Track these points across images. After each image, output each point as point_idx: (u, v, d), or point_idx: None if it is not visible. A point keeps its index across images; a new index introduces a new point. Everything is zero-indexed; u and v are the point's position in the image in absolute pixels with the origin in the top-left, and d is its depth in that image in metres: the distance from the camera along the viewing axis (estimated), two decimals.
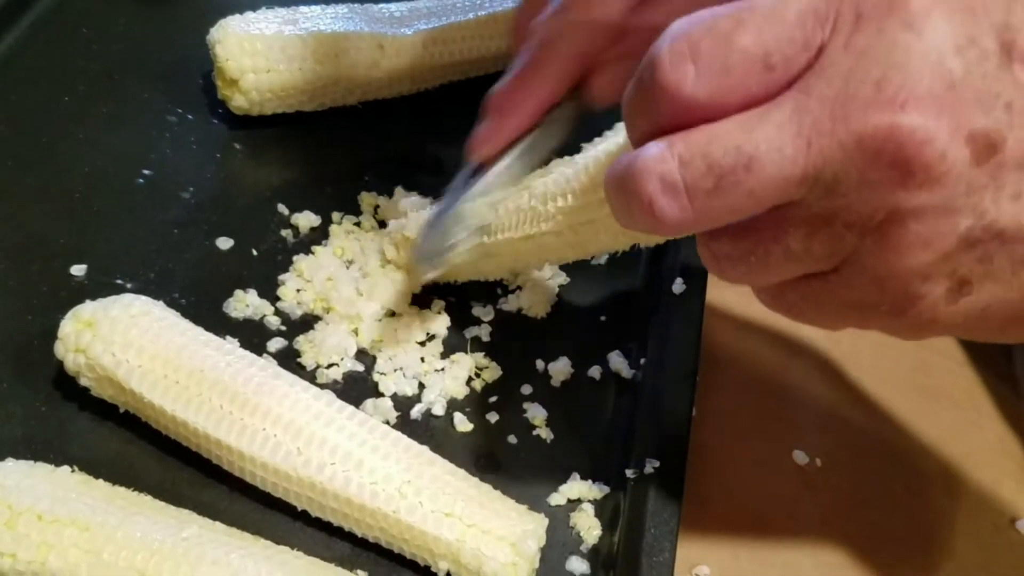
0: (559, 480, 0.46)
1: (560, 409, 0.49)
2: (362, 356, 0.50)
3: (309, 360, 0.48)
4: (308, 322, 0.50)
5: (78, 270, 0.50)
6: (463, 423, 0.47)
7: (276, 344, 0.49)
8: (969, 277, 0.28)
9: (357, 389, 0.48)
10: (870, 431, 0.51)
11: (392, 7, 0.62)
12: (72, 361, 0.43)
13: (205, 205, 0.55)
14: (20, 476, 0.38)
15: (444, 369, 0.49)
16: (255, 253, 0.53)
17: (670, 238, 0.42)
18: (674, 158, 0.28)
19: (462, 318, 0.52)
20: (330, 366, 0.48)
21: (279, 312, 0.51)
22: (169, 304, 0.46)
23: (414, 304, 0.52)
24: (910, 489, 0.49)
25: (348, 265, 0.53)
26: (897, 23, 0.26)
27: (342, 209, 0.56)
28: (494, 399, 0.49)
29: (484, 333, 0.51)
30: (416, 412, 0.47)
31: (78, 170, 0.56)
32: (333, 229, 0.55)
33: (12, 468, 0.39)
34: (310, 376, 0.48)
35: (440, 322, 0.51)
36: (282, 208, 0.56)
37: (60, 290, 0.49)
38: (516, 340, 0.51)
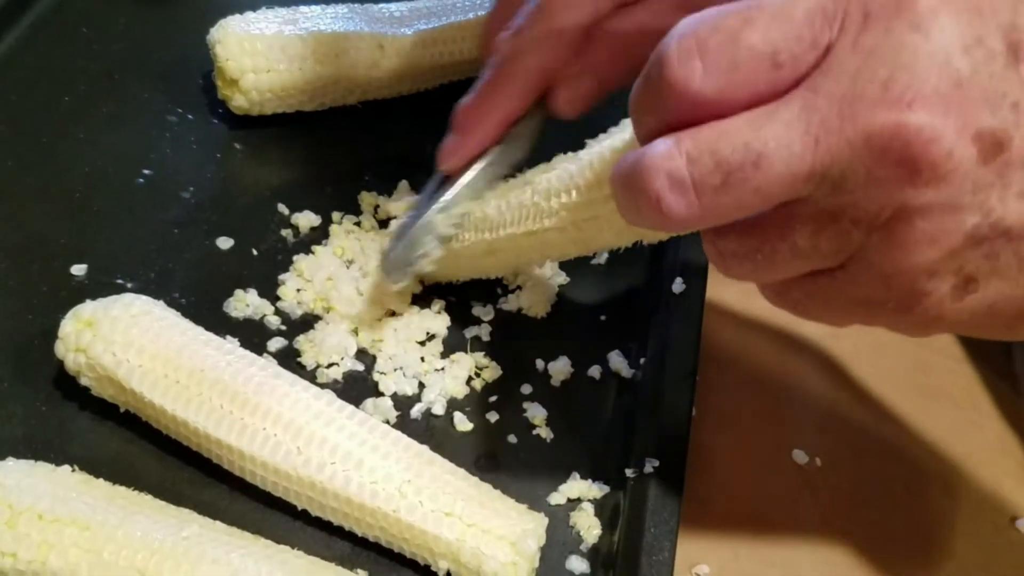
0: (559, 479, 0.46)
1: (560, 409, 0.49)
2: (362, 356, 0.50)
3: (309, 360, 0.48)
4: (308, 322, 0.50)
5: (78, 270, 0.51)
6: (463, 423, 0.47)
7: (276, 344, 0.49)
8: (975, 274, 0.28)
9: (357, 389, 0.48)
10: (870, 430, 0.51)
11: (392, 7, 0.62)
12: (72, 361, 0.43)
13: (205, 205, 0.55)
14: (21, 475, 0.38)
15: (444, 369, 0.49)
16: (255, 253, 0.53)
17: (675, 235, 0.42)
18: (682, 155, 0.28)
19: (462, 318, 0.52)
20: (330, 366, 0.49)
21: (279, 312, 0.51)
22: (169, 304, 0.46)
23: (414, 304, 0.52)
24: (910, 488, 0.49)
25: (348, 265, 0.53)
26: (904, 23, 0.26)
27: (342, 209, 0.56)
28: (494, 399, 0.49)
29: (484, 333, 0.51)
30: (416, 412, 0.47)
31: (78, 170, 0.56)
32: (333, 229, 0.55)
33: (13, 467, 0.39)
34: (310, 376, 0.48)
35: (440, 322, 0.51)
36: (282, 208, 0.56)
37: (60, 290, 0.50)
38: (516, 340, 0.51)
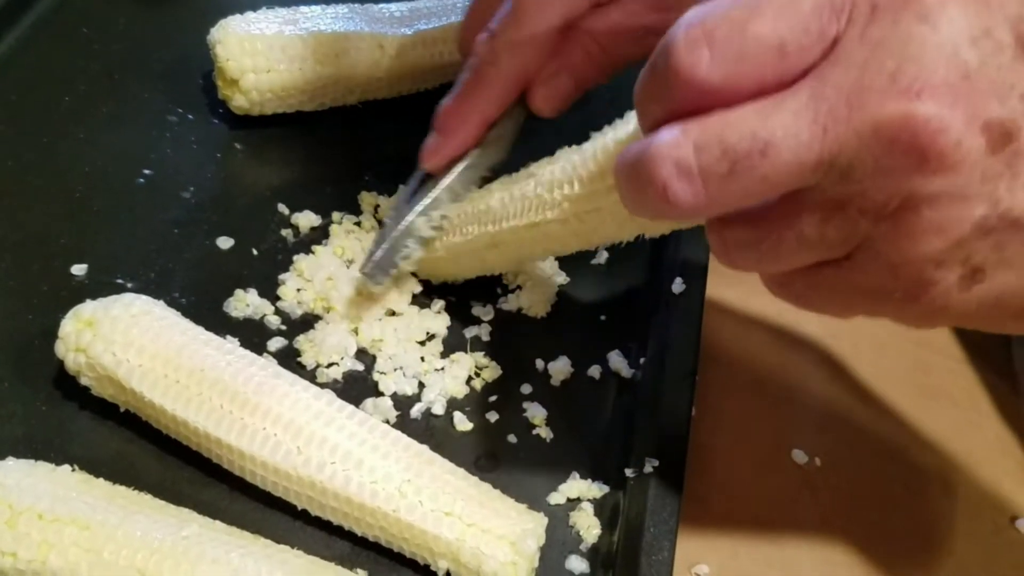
0: (559, 479, 0.46)
1: (560, 408, 0.49)
2: (362, 355, 0.50)
3: (309, 359, 0.48)
4: (308, 321, 0.50)
5: (79, 269, 0.51)
6: (463, 422, 0.47)
7: (276, 343, 0.49)
8: (982, 265, 0.28)
9: (357, 388, 0.48)
10: (870, 430, 0.51)
11: (392, 7, 0.62)
12: (73, 360, 0.43)
13: (205, 205, 0.55)
14: (21, 475, 0.38)
15: (444, 368, 0.49)
16: (255, 253, 0.53)
17: (676, 228, 0.42)
18: (689, 143, 0.28)
19: (462, 318, 0.52)
20: (330, 365, 0.49)
21: (279, 312, 0.51)
22: (169, 303, 0.46)
23: (414, 304, 0.52)
24: (910, 488, 0.49)
25: (348, 265, 0.53)
26: (912, 15, 0.26)
27: (342, 209, 0.56)
28: (494, 398, 0.49)
29: (484, 332, 0.51)
30: (416, 411, 0.48)
31: (78, 170, 0.56)
32: (333, 229, 0.55)
33: (13, 467, 0.39)
34: (310, 375, 0.48)
35: (440, 322, 0.51)
36: (282, 208, 0.56)
37: (61, 289, 0.50)
38: (516, 339, 0.52)
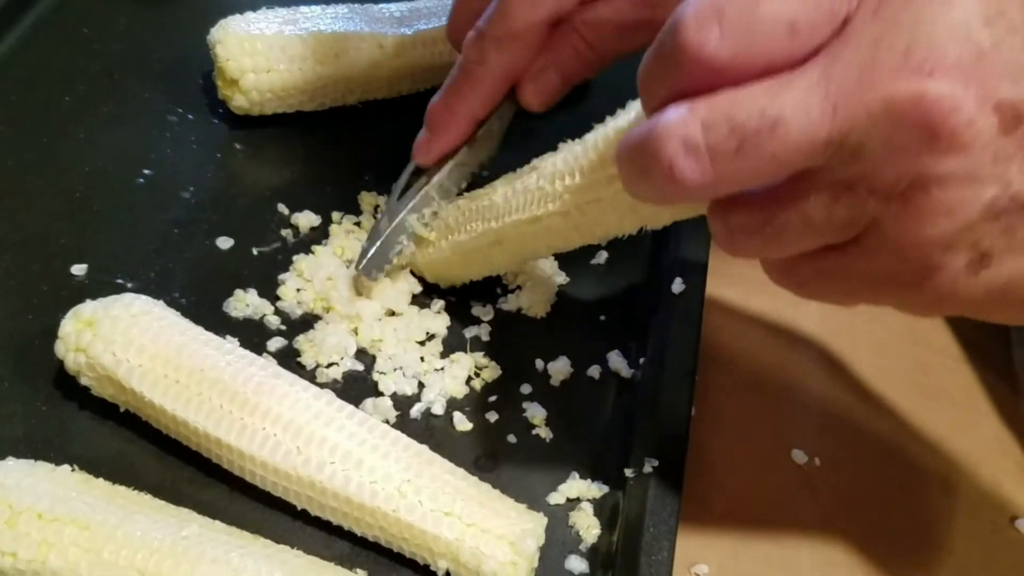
0: (558, 479, 0.46)
1: (559, 408, 0.49)
2: (362, 355, 0.50)
3: (309, 359, 0.48)
4: (308, 322, 0.50)
5: (78, 269, 0.51)
6: (463, 422, 0.47)
7: (276, 343, 0.49)
8: (991, 250, 0.28)
9: (357, 388, 0.48)
10: (869, 430, 0.51)
11: (392, 7, 0.62)
12: (72, 360, 0.43)
13: (205, 205, 0.55)
14: (20, 475, 0.38)
15: (444, 368, 0.49)
16: (255, 253, 0.53)
17: (678, 218, 0.41)
18: (696, 120, 0.28)
19: (462, 318, 0.52)
20: (330, 365, 0.49)
21: (279, 312, 0.51)
22: (169, 303, 0.46)
23: (414, 304, 0.52)
24: (909, 488, 0.49)
25: (348, 265, 0.53)
26: None
27: (342, 209, 0.56)
28: (494, 398, 0.49)
29: (484, 333, 0.51)
30: (416, 411, 0.48)
31: (78, 170, 0.56)
32: (333, 229, 0.55)
33: (12, 467, 0.39)
34: (310, 375, 0.48)
35: (440, 322, 0.51)
36: (282, 208, 0.56)
37: (61, 289, 0.50)
38: (516, 340, 0.52)
